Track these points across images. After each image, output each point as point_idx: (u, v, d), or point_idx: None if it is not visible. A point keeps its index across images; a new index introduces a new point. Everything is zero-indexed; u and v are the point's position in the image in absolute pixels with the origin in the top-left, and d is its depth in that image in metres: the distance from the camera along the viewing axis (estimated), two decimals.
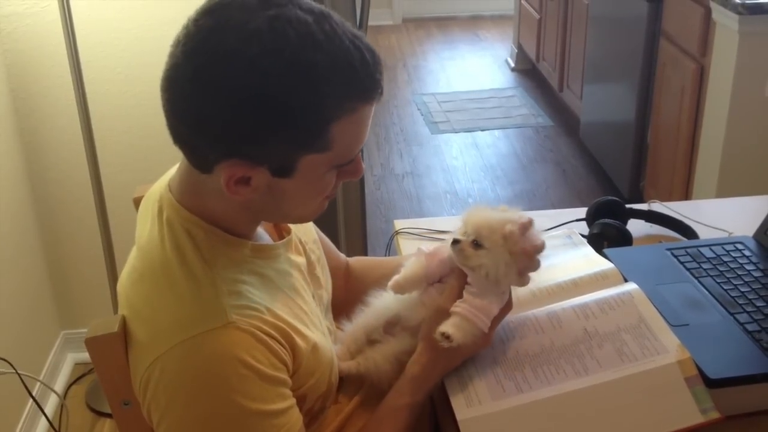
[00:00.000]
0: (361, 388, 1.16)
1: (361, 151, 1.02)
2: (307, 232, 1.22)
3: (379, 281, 1.20)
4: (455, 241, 1.08)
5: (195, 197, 1.01)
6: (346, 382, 1.16)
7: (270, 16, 0.88)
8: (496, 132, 4.33)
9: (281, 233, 1.15)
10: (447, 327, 1.05)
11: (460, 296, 1.08)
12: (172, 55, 0.92)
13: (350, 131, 0.95)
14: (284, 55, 0.88)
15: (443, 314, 1.07)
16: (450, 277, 1.11)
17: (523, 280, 1.09)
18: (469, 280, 1.09)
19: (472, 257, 1.07)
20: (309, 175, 0.96)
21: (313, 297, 1.14)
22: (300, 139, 0.92)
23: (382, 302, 1.17)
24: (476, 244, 1.07)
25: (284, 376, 0.98)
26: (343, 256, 1.38)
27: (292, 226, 1.15)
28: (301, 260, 1.14)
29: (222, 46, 0.88)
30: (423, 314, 1.11)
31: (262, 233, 1.10)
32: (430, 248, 1.14)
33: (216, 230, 1.01)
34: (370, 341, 1.17)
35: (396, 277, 1.11)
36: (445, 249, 1.12)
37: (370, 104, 0.95)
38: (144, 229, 1.05)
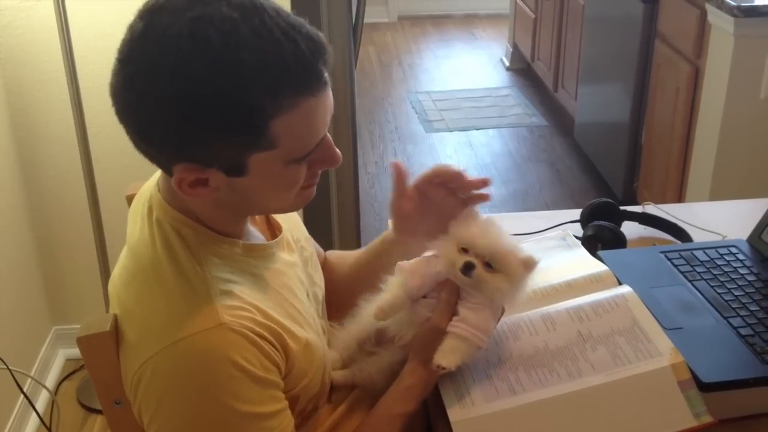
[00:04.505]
0: (353, 389, 1.15)
1: (327, 136, 0.97)
2: (298, 229, 1.21)
3: (350, 271, 1.22)
4: (469, 266, 1.04)
5: (176, 197, 0.99)
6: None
7: (191, 17, 0.86)
8: (491, 131, 4.33)
9: (274, 232, 1.14)
10: (442, 358, 1.03)
11: (453, 311, 1.06)
12: (114, 62, 0.91)
13: (297, 126, 0.91)
14: (206, 58, 0.85)
15: (439, 333, 1.05)
16: (442, 292, 1.08)
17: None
18: (463, 294, 1.07)
19: (489, 281, 1.04)
20: (265, 172, 0.93)
21: (308, 295, 1.13)
22: (240, 140, 0.90)
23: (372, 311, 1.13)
24: (488, 266, 1.05)
25: (276, 378, 0.97)
26: (321, 249, 1.35)
27: (283, 224, 1.14)
28: (294, 259, 1.13)
29: (146, 53, 0.87)
30: (413, 332, 1.09)
31: (255, 232, 1.10)
32: (410, 263, 1.11)
33: (205, 230, 1.00)
34: (363, 351, 1.16)
35: (379, 304, 1.08)
36: (428, 263, 1.09)
37: (313, 96, 0.91)
38: (135, 229, 1.05)
